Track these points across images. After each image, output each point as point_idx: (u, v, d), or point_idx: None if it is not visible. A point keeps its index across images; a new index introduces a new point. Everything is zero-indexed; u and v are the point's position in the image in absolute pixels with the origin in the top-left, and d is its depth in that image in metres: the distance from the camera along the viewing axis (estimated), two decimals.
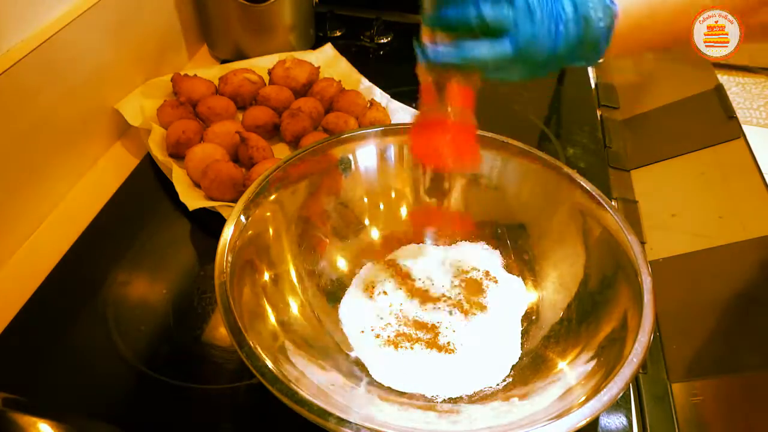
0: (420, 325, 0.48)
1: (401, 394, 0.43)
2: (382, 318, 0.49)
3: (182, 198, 0.58)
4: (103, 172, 0.66)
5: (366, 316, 0.49)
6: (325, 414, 0.33)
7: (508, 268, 0.53)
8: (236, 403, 0.46)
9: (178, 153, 0.63)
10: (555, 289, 0.49)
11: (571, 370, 0.42)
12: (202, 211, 0.58)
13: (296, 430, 0.45)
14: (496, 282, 0.52)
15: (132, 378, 0.47)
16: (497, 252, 0.54)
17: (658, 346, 0.50)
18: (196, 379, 0.47)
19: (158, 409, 0.45)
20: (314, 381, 0.39)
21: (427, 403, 0.43)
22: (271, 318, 0.43)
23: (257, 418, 0.46)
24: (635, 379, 0.48)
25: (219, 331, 0.50)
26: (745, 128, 0.66)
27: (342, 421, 0.33)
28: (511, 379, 0.45)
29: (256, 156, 0.62)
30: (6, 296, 0.51)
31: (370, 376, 0.45)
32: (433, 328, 0.48)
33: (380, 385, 0.44)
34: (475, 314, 0.49)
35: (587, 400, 0.35)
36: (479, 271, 0.53)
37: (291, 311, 0.46)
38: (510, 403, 0.41)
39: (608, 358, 0.39)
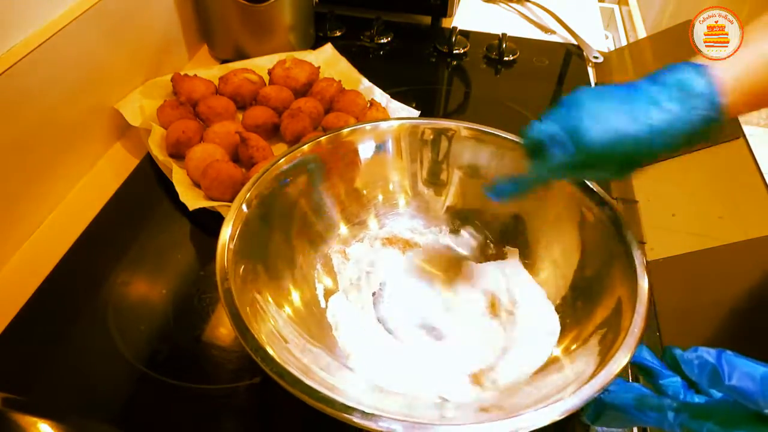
0: (422, 323, 0.48)
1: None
2: (382, 315, 0.48)
3: (182, 198, 0.57)
4: (103, 172, 0.66)
5: (365, 313, 0.49)
6: (349, 409, 0.32)
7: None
8: (236, 403, 0.46)
9: (178, 153, 0.63)
10: (550, 278, 0.50)
11: (566, 359, 0.42)
12: (202, 211, 0.58)
13: (296, 430, 0.45)
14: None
15: (132, 378, 0.47)
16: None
17: (658, 346, 0.50)
18: (196, 379, 0.47)
19: (158, 409, 0.45)
20: (322, 377, 0.39)
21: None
22: (276, 317, 0.43)
23: (257, 418, 0.46)
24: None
25: (219, 331, 0.50)
26: (745, 128, 0.66)
27: (367, 415, 0.32)
28: None
29: (256, 156, 0.62)
30: (6, 296, 0.51)
31: (371, 373, 0.44)
32: (435, 327, 0.48)
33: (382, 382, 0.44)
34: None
35: (588, 380, 0.34)
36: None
37: (292, 309, 0.46)
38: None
39: (602, 350, 0.39)
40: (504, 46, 0.89)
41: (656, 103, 0.35)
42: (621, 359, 0.35)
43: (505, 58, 0.90)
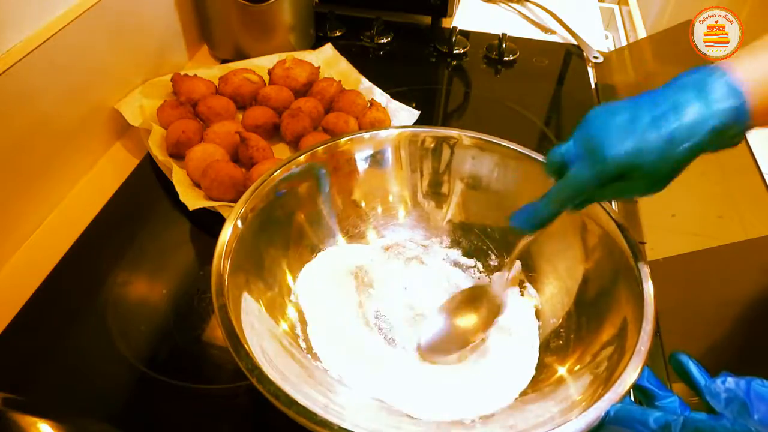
0: (416, 337, 0.48)
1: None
2: (379, 328, 0.48)
3: (182, 198, 0.57)
4: (103, 172, 0.66)
5: (356, 326, 0.48)
6: None
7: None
8: (236, 403, 0.46)
9: (178, 153, 0.63)
10: (555, 295, 0.49)
11: (571, 380, 0.41)
12: (202, 211, 0.58)
13: (295, 430, 0.45)
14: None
15: (132, 378, 0.47)
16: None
17: (658, 346, 0.50)
18: (196, 379, 0.47)
19: (158, 409, 0.45)
20: (316, 394, 0.38)
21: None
22: (272, 331, 0.43)
23: (257, 418, 0.46)
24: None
25: (219, 331, 0.50)
26: None
27: None
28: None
29: (256, 156, 0.62)
30: (6, 296, 0.51)
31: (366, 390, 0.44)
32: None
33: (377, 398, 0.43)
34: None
35: (587, 407, 0.34)
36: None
37: (288, 324, 0.46)
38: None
39: (609, 366, 0.38)
40: (504, 46, 0.89)
41: (676, 106, 0.34)
42: (627, 380, 0.35)
43: (505, 58, 0.90)
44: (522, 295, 0.51)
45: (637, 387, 0.35)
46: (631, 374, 0.35)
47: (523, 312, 0.49)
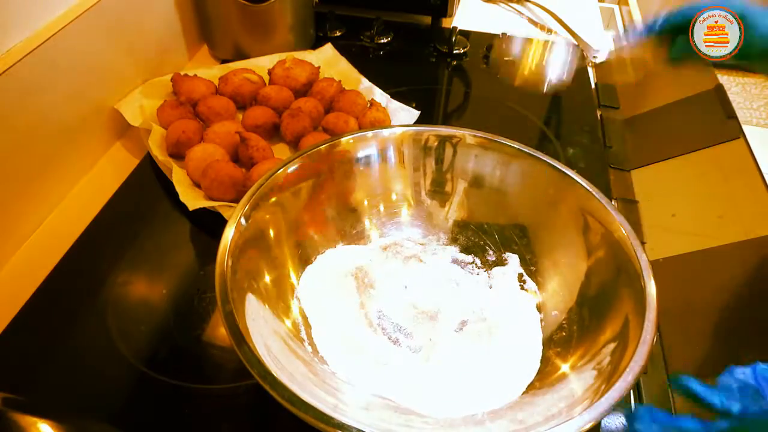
0: (419, 335, 0.48)
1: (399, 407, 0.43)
2: (383, 328, 0.48)
3: (182, 198, 0.57)
4: (103, 172, 0.66)
5: (360, 328, 0.48)
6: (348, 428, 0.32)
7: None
8: (236, 403, 0.46)
9: (178, 153, 0.63)
10: (557, 291, 0.49)
11: (576, 374, 0.41)
12: (202, 211, 0.58)
13: (295, 429, 0.45)
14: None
15: (132, 378, 0.47)
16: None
17: (659, 345, 0.50)
18: (196, 379, 0.47)
19: (158, 409, 0.45)
20: (323, 393, 0.38)
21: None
22: (278, 329, 0.43)
23: (257, 418, 0.46)
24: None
25: (219, 331, 0.50)
26: (745, 128, 0.66)
27: None
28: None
29: (257, 156, 0.62)
30: (6, 296, 0.51)
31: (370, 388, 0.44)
32: (433, 341, 0.47)
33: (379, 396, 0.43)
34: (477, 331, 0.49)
35: (594, 400, 0.34)
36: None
37: (292, 323, 0.45)
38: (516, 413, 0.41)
39: (613, 360, 0.38)
40: (504, 46, 0.89)
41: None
42: (635, 369, 0.35)
43: (505, 58, 0.90)
44: (522, 288, 0.51)
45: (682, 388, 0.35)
46: (638, 364, 0.35)
47: (524, 306, 0.49)
